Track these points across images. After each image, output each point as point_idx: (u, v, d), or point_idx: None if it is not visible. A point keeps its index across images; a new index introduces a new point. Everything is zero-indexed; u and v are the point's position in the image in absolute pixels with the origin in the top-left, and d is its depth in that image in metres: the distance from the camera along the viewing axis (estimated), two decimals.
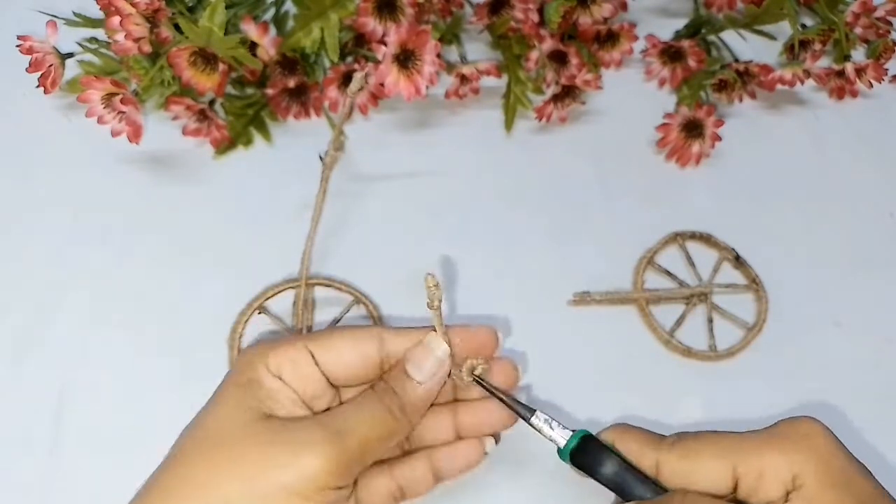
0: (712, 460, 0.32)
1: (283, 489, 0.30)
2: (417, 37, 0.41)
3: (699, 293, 0.46)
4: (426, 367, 0.34)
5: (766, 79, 0.50)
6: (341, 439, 0.32)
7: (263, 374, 0.33)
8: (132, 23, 0.40)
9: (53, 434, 0.40)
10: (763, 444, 0.31)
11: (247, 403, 0.33)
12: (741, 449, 0.32)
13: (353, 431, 0.32)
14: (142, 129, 0.41)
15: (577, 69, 0.49)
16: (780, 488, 0.31)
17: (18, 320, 0.43)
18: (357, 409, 0.33)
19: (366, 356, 0.35)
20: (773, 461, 0.31)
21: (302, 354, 0.34)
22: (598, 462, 0.34)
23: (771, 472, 0.31)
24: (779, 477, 0.30)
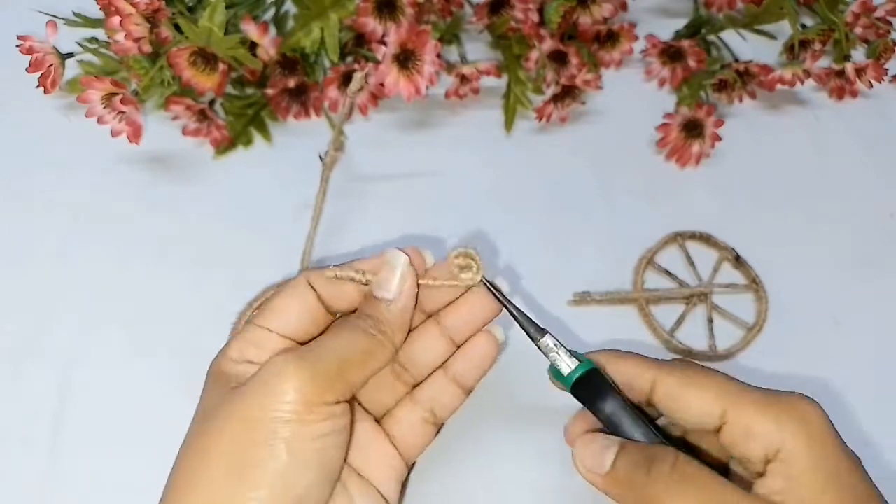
0: (707, 397, 0.32)
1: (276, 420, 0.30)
2: (417, 37, 0.41)
3: (699, 293, 0.46)
4: (392, 284, 0.34)
5: (766, 79, 0.50)
6: (310, 357, 0.32)
7: (228, 367, 0.34)
8: (132, 23, 0.40)
9: (53, 434, 0.40)
10: (761, 405, 0.31)
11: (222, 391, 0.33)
12: (739, 400, 0.31)
13: (324, 349, 0.32)
14: (142, 129, 0.41)
15: (577, 69, 0.49)
16: (761, 453, 0.30)
17: (18, 320, 0.43)
18: (330, 335, 0.34)
19: (308, 305, 0.35)
20: (765, 426, 0.30)
21: (257, 332, 0.34)
22: (599, 397, 0.34)
23: (759, 434, 0.30)
24: (764, 442, 0.30)
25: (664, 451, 0.31)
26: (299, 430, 0.30)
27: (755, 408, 0.31)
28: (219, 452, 0.31)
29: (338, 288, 0.35)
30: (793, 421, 0.30)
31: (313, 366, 0.31)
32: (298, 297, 0.35)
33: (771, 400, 0.31)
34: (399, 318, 0.34)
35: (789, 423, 0.30)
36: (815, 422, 0.31)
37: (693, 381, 0.32)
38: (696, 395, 0.32)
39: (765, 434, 0.30)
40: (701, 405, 0.32)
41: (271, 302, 0.35)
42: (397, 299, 0.34)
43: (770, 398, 0.31)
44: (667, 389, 0.32)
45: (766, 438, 0.30)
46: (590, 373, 0.34)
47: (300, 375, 0.31)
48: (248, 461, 0.30)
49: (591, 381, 0.34)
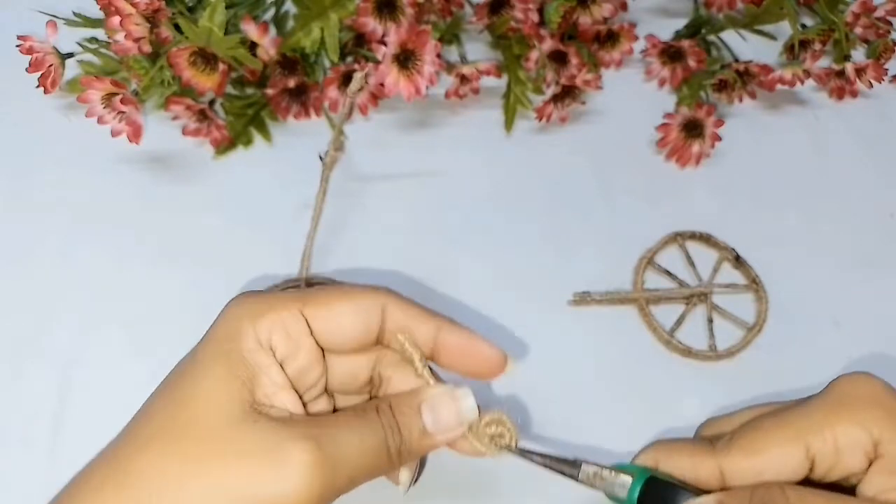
0: (782, 449, 0.29)
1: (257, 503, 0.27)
2: (417, 37, 0.41)
3: (699, 293, 0.46)
4: (444, 420, 0.30)
5: (766, 79, 0.50)
6: (333, 467, 0.28)
7: (251, 346, 0.30)
8: (132, 23, 0.40)
9: (53, 434, 0.40)
10: (831, 414, 0.29)
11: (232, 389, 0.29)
12: (809, 428, 0.29)
13: (346, 459, 0.29)
14: (142, 129, 0.41)
15: (577, 69, 0.49)
16: (862, 458, 0.28)
17: (18, 320, 0.43)
18: (354, 433, 0.30)
19: (367, 326, 0.31)
20: (848, 432, 0.28)
21: (296, 321, 0.31)
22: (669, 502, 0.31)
23: (848, 444, 0.28)
24: (859, 447, 0.28)
25: (770, 492, 0.28)
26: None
27: (830, 423, 0.29)
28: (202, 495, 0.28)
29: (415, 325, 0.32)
30: (869, 410, 0.29)
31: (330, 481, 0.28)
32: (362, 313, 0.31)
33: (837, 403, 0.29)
34: (423, 451, 0.31)
35: (869, 417, 0.28)
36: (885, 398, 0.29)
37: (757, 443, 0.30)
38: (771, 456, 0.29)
39: (853, 440, 0.28)
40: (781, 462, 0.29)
41: (331, 300, 0.31)
42: (436, 438, 0.30)
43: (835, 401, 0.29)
44: (738, 468, 0.30)
45: (857, 444, 0.28)
46: (648, 483, 0.31)
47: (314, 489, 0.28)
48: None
49: (654, 491, 0.31)
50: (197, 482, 0.28)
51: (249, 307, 0.31)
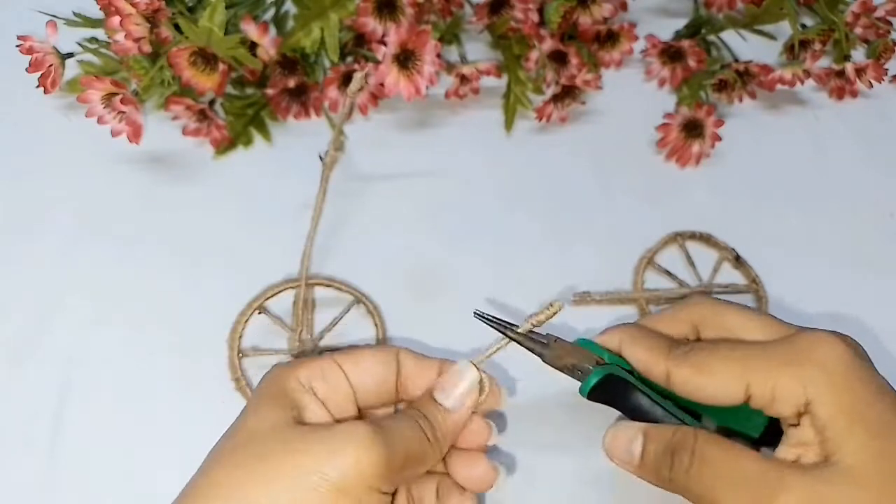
0: (725, 376, 0.32)
1: (327, 485, 0.30)
2: (417, 37, 0.41)
3: (699, 293, 0.46)
4: (456, 394, 0.34)
5: (766, 79, 0.50)
6: (387, 441, 0.31)
7: (294, 385, 0.34)
8: (132, 23, 0.40)
9: (53, 434, 0.40)
10: (778, 364, 0.31)
11: (278, 411, 0.32)
12: (755, 368, 0.32)
13: (396, 438, 0.32)
14: (142, 129, 0.41)
15: (577, 69, 0.49)
16: (793, 409, 0.31)
17: (18, 320, 0.43)
18: (396, 421, 0.33)
19: (387, 373, 0.35)
20: (786, 384, 0.31)
21: (332, 367, 0.35)
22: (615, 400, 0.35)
23: (783, 394, 0.31)
24: (791, 400, 0.31)
25: (683, 438, 0.32)
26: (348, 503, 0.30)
27: (774, 370, 0.31)
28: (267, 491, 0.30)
29: (420, 373, 0.36)
30: (812, 371, 0.31)
31: (388, 450, 0.31)
32: (383, 361, 0.35)
33: (788, 355, 0.32)
34: (452, 429, 0.34)
35: (811, 375, 0.31)
36: (836, 365, 0.31)
37: (706, 367, 0.33)
38: (714, 381, 0.32)
39: (788, 392, 0.31)
40: (721, 387, 0.32)
41: (357, 351, 0.36)
42: (456, 410, 0.34)
43: (787, 352, 0.32)
44: (683, 379, 0.33)
45: (790, 397, 0.31)
46: (606, 377, 0.35)
47: (377, 454, 0.30)
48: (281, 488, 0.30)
49: (609, 384, 0.35)
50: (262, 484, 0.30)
51: (289, 364, 0.35)
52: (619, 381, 0.35)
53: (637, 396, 0.35)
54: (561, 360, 0.35)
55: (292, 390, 0.34)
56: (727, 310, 0.36)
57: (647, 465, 0.33)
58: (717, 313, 0.36)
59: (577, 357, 0.35)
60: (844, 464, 0.29)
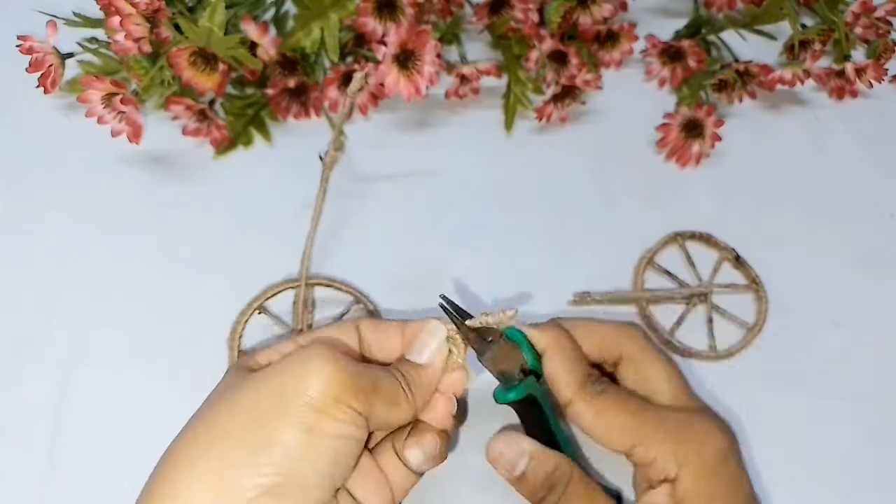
0: (619, 432, 0.35)
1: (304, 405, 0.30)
2: (417, 37, 0.41)
3: (699, 293, 0.46)
4: (426, 351, 0.36)
5: (766, 79, 0.50)
6: (350, 361, 0.32)
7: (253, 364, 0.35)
8: (132, 23, 0.40)
9: (53, 434, 0.40)
10: (665, 438, 0.35)
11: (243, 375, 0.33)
12: (645, 436, 0.35)
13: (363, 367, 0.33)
14: (142, 129, 0.41)
15: (577, 69, 0.49)
16: (661, 477, 0.35)
17: (19, 320, 0.43)
18: (371, 366, 0.34)
19: (350, 344, 0.36)
20: (666, 458, 0.34)
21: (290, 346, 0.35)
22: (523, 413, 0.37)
23: (659, 465, 0.35)
24: (664, 470, 0.35)
25: (561, 476, 0.35)
26: (324, 420, 0.30)
27: (658, 441, 0.35)
28: (235, 425, 0.31)
29: (382, 336, 0.37)
30: (691, 453, 0.35)
31: (354, 369, 0.32)
32: (344, 333, 0.36)
33: (674, 430, 0.35)
34: (425, 384, 0.35)
35: (686, 456, 0.34)
36: (713, 453, 0.35)
37: (606, 414, 0.36)
38: (606, 429, 0.35)
39: (663, 465, 0.34)
40: (611, 439, 0.35)
41: (317, 330, 0.37)
42: (428, 366, 0.36)
43: (674, 428, 0.35)
44: (580, 414, 0.36)
45: (663, 468, 0.34)
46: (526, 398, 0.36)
47: (341, 368, 0.31)
48: (266, 438, 0.30)
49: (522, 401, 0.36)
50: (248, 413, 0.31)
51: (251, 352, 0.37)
52: (534, 405, 0.37)
53: (542, 421, 0.37)
54: (494, 364, 0.37)
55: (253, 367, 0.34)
56: (653, 361, 0.38)
57: (525, 484, 0.35)
58: (643, 360, 0.38)
59: (508, 361, 0.37)
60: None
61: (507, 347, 0.37)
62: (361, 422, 0.32)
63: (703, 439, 0.35)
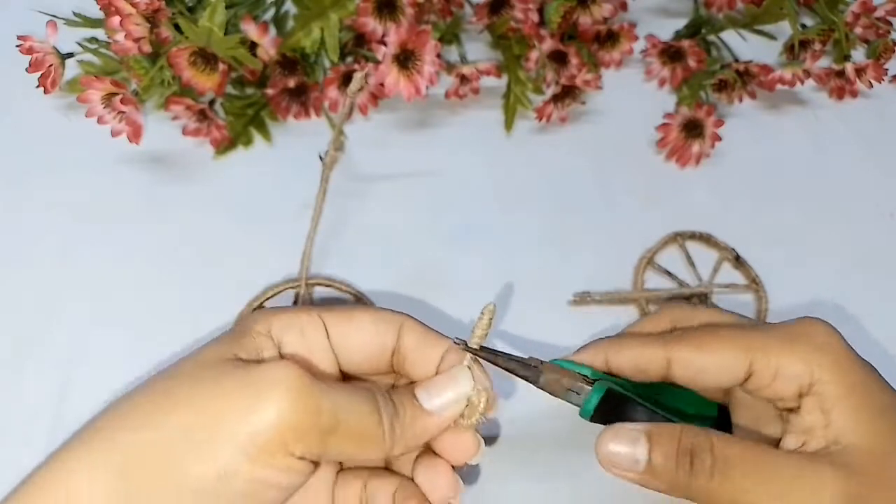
0: (729, 354, 0.31)
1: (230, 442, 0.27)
2: (417, 37, 0.41)
3: (699, 293, 0.46)
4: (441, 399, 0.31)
5: (766, 79, 0.50)
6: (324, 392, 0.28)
7: (259, 329, 0.31)
8: (132, 23, 0.40)
9: (53, 434, 0.40)
10: (783, 344, 0.31)
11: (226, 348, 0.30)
12: (760, 347, 0.31)
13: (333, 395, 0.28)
14: (142, 129, 0.41)
15: (577, 69, 0.49)
16: (795, 389, 0.31)
17: (18, 320, 0.43)
18: (348, 391, 0.29)
19: (383, 342, 0.32)
20: (792, 364, 0.31)
21: (313, 323, 0.31)
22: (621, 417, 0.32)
23: (788, 373, 0.31)
24: (796, 379, 0.31)
25: (699, 439, 0.30)
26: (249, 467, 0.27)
27: (779, 351, 0.31)
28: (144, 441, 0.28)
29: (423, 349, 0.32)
30: (817, 352, 0.31)
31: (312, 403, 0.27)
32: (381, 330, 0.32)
33: (790, 336, 0.32)
34: (419, 433, 0.30)
35: (814, 357, 0.31)
36: (837, 347, 0.31)
37: (707, 345, 0.32)
38: (715, 359, 0.32)
39: (793, 372, 0.30)
40: (724, 366, 0.31)
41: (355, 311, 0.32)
42: (433, 415, 0.31)
43: (789, 335, 0.32)
44: (683, 363, 0.32)
45: (795, 376, 0.30)
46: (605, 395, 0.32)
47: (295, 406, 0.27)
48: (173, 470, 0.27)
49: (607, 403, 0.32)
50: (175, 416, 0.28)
51: (273, 311, 0.32)
52: (619, 397, 0.33)
53: (638, 411, 0.32)
54: (557, 383, 0.33)
55: (256, 333, 0.31)
56: (699, 310, 0.36)
57: (657, 471, 0.29)
58: (691, 313, 0.35)
59: (567, 379, 0.33)
60: (862, 446, 0.29)
61: (554, 367, 0.33)
62: (301, 466, 0.28)
63: (820, 336, 0.31)
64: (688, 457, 0.29)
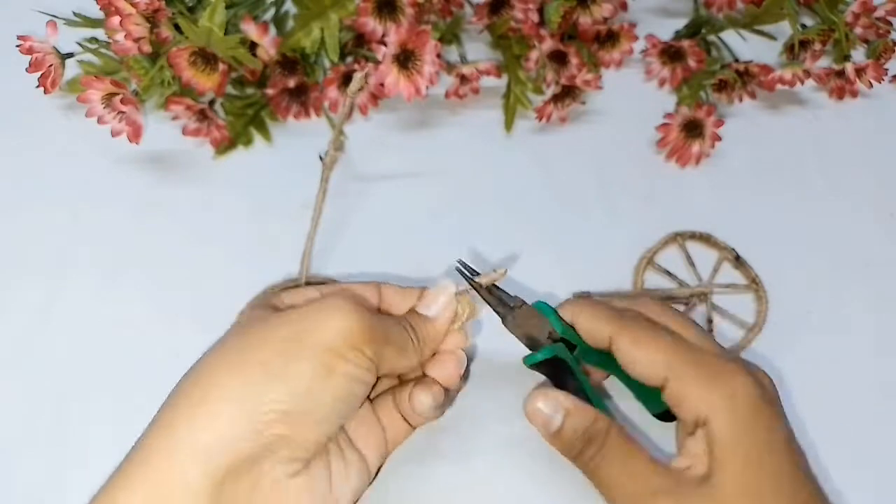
0: (651, 362, 0.35)
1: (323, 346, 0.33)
2: (417, 37, 0.41)
3: (699, 293, 0.46)
4: (436, 306, 0.38)
5: (766, 79, 0.50)
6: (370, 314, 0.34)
7: (275, 302, 0.37)
8: (132, 23, 0.40)
9: (53, 433, 0.40)
10: (698, 379, 0.34)
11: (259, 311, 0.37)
12: (676, 373, 0.35)
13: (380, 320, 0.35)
14: (142, 129, 0.41)
15: (577, 69, 0.49)
16: (693, 419, 0.34)
17: (19, 320, 0.43)
18: (384, 316, 0.37)
19: (367, 301, 0.38)
20: (695, 398, 0.34)
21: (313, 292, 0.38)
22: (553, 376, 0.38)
23: (690, 404, 0.34)
24: (694, 411, 0.34)
25: (598, 430, 0.35)
26: (339, 362, 0.33)
27: (691, 379, 0.34)
28: (260, 354, 0.33)
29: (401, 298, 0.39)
30: (723, 397, 0.34)
31: (370, 320, 0.34)
32: (367, 290, 0.39)
33: (711, 374, 0.34)
34: (431, 336, 0.38)
35: (718, 399, 0.34)
36: (745, 400, 0.34)
37: (642, 343, 0.36)
38: (643, 357, 0.35)
39: (695, 405, 0.34)
40: (647, 367, 0.35)
41: (341, 284, 0.40)
42: (435, 319, 0.38)
43: (708, 370, 0.35)
44: (621, 347, 0.36)
45: (695, 408, 0.34)
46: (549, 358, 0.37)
47: (358, 318, 0.34)
48: (285, 370, 0.32)
49: (550, 363, 0.37)
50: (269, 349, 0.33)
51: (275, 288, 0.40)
52: (560, 362, 0.37)
53: (571, 381, 0.37)
54: (519, 328, 0.38)
55: (277, 305, 0.37)
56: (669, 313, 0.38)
57: (562, 440, 0.35)
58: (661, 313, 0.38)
59: (533, 328, 0.38)
60: (718, 484, 0.33)
61: (530, 314, 0.38)
62: (372, 367, 0.34)
63: (735, 386, 0.34)
64: (586, 440, 0.35)
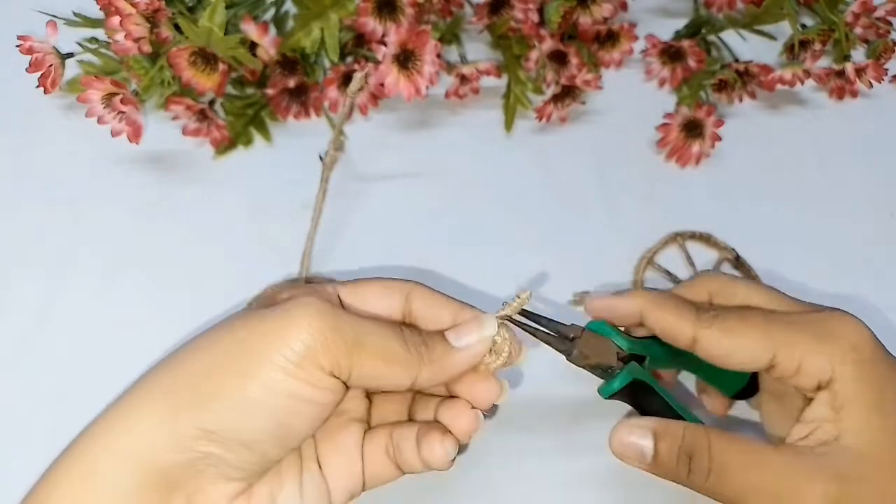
0: (754, 343, 0.32)
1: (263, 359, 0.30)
2: (417, 37, 0.41)
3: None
4: (467, 339, 0.33)
5: (766, 79, 0.50)
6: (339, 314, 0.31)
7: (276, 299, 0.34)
8: (132, 23, 0.40)
9: (53, 434, 0.40)
10: (809, 341, 0.32)
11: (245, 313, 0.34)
12: (786, 342, 0.32)
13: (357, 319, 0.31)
14: (142, 129, 0.41)
15: (577, 69, 0.49)
16: (814, 384, 0.31)
17: (19, 320, 0.43)
18: (370, 318, 0.33)
19: (392, 307, 0.34)
20: (815, 362, 0.31)
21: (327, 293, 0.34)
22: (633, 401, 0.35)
23: (810, 370, 0.31)
24: (816, 375, 0.31)
25: (698, 440, 0.31)
26: (283, 379, 0.30)
27: (805, 345, 0.32)
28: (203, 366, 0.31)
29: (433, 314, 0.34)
30: (843, 353, 0.31)
31: (334, 323, 0.30)
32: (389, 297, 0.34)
33: (820, 333, 0.32)
34: (447, 365, 0.33)
35: (839, 356, 0.31)
36: (864, 349, 0.32)
37: (735, 332, 0.33)
38: (741, 345, 0.32)
39: (814, 367, 0.31)
40: (748, 353, 0.32)
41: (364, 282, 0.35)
42: (459, 353, 0.33)
43: (819, 330, 0.32)
44: (709, 343, 0.33)
45: (815, 371, 0.31)
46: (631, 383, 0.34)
47: (318, 326, 0.30)
48: (220, 386, 0.30)
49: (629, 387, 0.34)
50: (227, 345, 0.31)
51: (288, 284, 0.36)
52: (642, 387, 0.34)
53: (654, 399, 0.34)
54: (586, 359, 0.34)
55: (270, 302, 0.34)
56: (737, 283, 0.36)
57: (663, 466, 0.32)
58: (728, 285, 0.36)
59: (601, 354, 0.35)
60: (860, 448, 0.30)
61: (593, 340, 0.35)
62: (332, 384, 0.31)
63: (847, 331, 0.32)
64: (687, 457, 0.31)
